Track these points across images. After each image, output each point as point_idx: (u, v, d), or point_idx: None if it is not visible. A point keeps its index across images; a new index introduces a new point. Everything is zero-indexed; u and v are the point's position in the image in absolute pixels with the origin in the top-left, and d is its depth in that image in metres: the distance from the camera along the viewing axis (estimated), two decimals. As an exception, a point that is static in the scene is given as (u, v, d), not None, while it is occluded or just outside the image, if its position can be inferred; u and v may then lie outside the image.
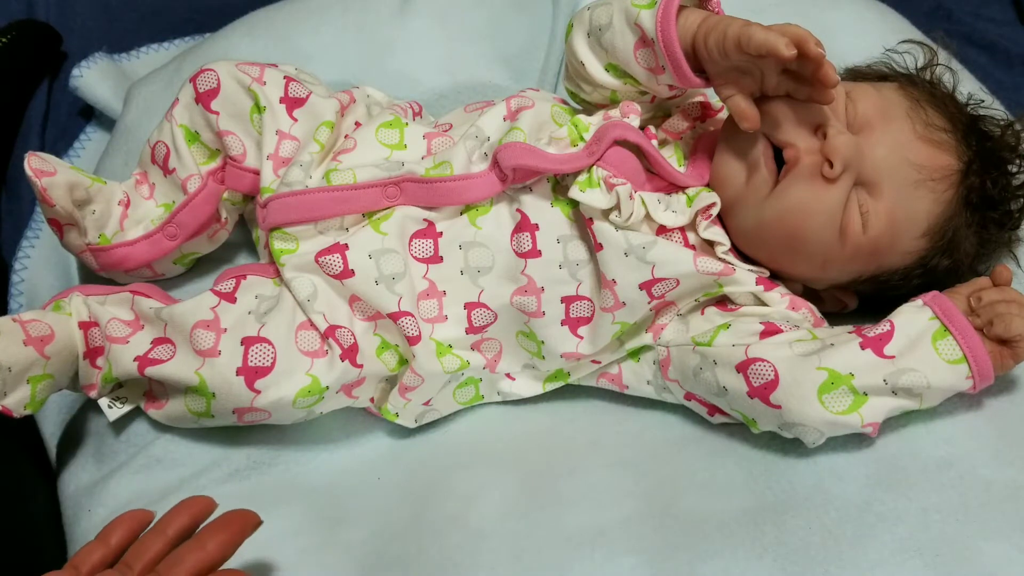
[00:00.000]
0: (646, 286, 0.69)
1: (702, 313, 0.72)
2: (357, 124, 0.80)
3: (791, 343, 0.67)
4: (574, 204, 0.71)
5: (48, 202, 0.75)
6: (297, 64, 0.85)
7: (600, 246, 0.70)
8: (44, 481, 0.78)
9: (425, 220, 0.73)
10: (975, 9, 1.16)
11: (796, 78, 0.67)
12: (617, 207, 0.69)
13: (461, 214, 0.74)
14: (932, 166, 0.69)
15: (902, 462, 0.65)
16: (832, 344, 0.66)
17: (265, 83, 0.78)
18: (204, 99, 0.79)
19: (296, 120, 0.77)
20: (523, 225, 0.72)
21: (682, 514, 0.64)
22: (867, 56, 0.83)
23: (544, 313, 0.72)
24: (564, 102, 0.80)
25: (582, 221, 0.71)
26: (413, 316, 0.71)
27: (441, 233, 0.73)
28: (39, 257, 0.94)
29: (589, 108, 0.79)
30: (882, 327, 0.66)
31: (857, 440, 0.66)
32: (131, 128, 0.93)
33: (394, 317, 0.70)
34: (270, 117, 0.77)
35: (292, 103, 0.78)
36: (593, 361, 0.74)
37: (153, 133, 0.82)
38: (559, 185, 0.73)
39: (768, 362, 0.65)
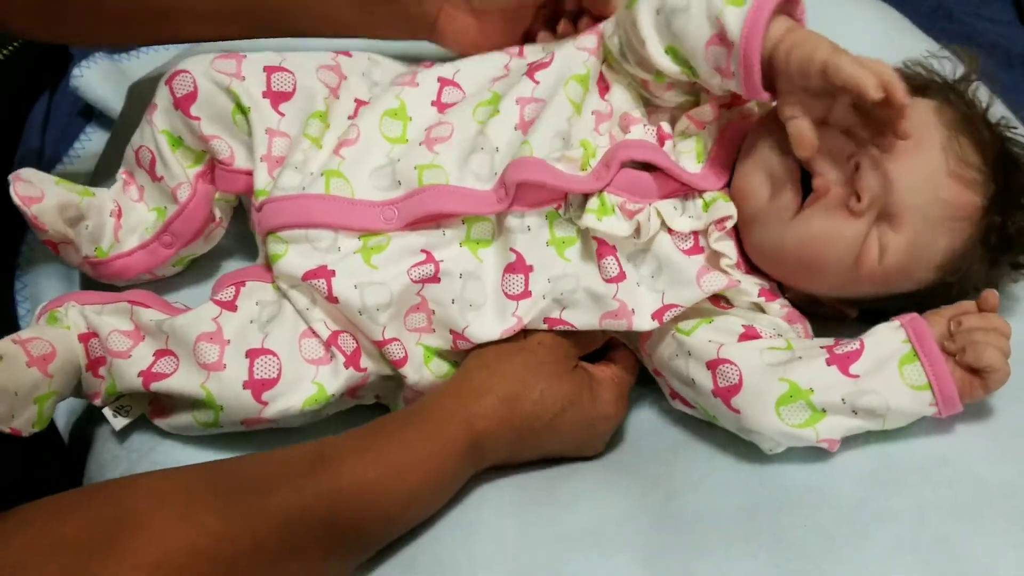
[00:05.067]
0: (657, 315, 0.69)
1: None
2: (358, 102, 0.77)
3: (763, 350, 0.66)
4: (570, 243, 0.70)
5: (40, 228, 0.74)
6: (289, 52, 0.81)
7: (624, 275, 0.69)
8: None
9: (423, 251, 0.70)
10: (975, 9, 1.16)
11: (864, 116, 0.64)
12: (636, 232, 0.68)
13: (461, 245, 0.71)
14: (958, 203, 0.67)
15: (897, 460, 0.65)
16: (800, 357, 0.66)
17: (244, 78, 0.75)
18: (182, 104, 0.76)
19: (283, 115, 0.75)
20: (517, 266, 0.70)
21: (677, 513, 0.64)
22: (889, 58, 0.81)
23: None
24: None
25: (580, 256, 0.70)
26: (398, 340, 0.70)
27: (441, 261, 0.70)
28: (40, 261, 0.94)
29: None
30: (852, 345, 0.66)
31: (853, 439, 0.66)
32: (131, 128, 0.93)
33: (378, 345, 0.69)
34: (256, 115, 0.74)
35: (276, 97, 0.75)
36: None
37: (135, 136, 0.80)
38: (559, 219, 0.70)
39: (736, 365, 0.65)
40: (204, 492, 0.58)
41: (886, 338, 0.66)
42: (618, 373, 0.72)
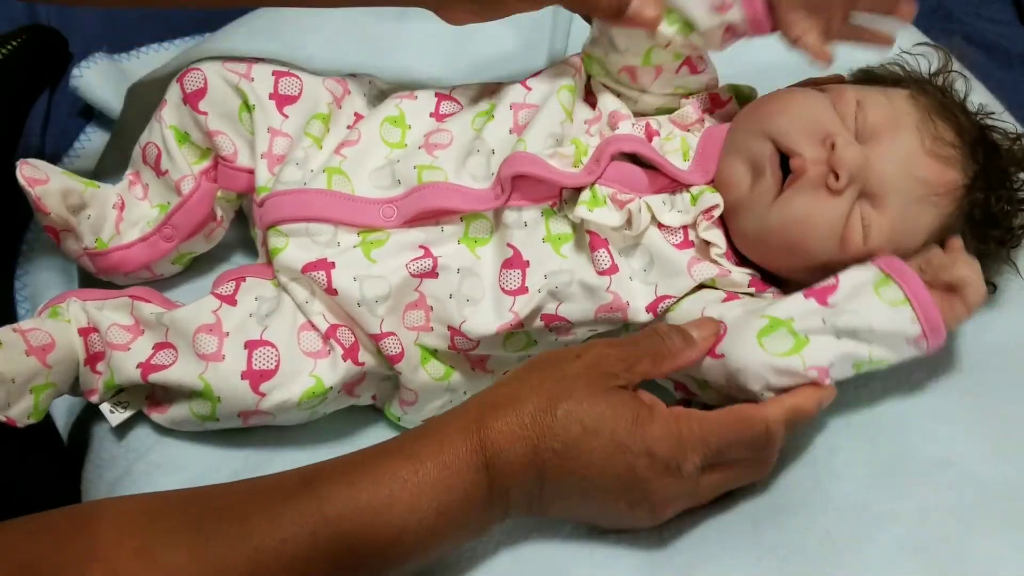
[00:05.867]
0: (651, 307, 0.69)
1: None
2: (357, 116, 0.79)
3: (744, 303, 0.68)
4: (566, 239, 0.71)
5: (43, 210, 0.75)
6: (297, 64, 0.84)
7: (616, 268, 0.69)
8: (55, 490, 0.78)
9: (422, 247, 0.71)
10: (975, 9, 1.16)
11: (858, 31, 0.69)
12: (628, 223, 0.69)
13: (459, 243, 0.72)
14: (938, 182, 0.69)
15: (900, 462, 0.65)
16: (779, 302, 0.66)
17: (253, 79, 0.77)
18: (192, 100, 0.77)
19: (287, 116, 0.76)
20: (514, 262, 0.70)
21: (679, 517, 0.64)
22: (868, 55, 0.82)
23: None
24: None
25: (575, 251, 0.71)
26: (395, 335, 0.70)
27: (439, 257, 0.71)
28: (40, 259, 0.94)
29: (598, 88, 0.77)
30: (828, 281, 0.66)
31: (855, 440, 0.66)
32: (131, 128, 0.93)
33: (375, 339, 0.70)
34: (260, 114, 0.76)
35: (282, 100, 0.77)
36: None
37: (143, 134, 0.81)
38: (555, 215, 0.71)
39: (719, 319, 0.66)
40: (173, 522, 0.54)
41: (860, 272, 0.66)
42: (685, 416, 0.61)
